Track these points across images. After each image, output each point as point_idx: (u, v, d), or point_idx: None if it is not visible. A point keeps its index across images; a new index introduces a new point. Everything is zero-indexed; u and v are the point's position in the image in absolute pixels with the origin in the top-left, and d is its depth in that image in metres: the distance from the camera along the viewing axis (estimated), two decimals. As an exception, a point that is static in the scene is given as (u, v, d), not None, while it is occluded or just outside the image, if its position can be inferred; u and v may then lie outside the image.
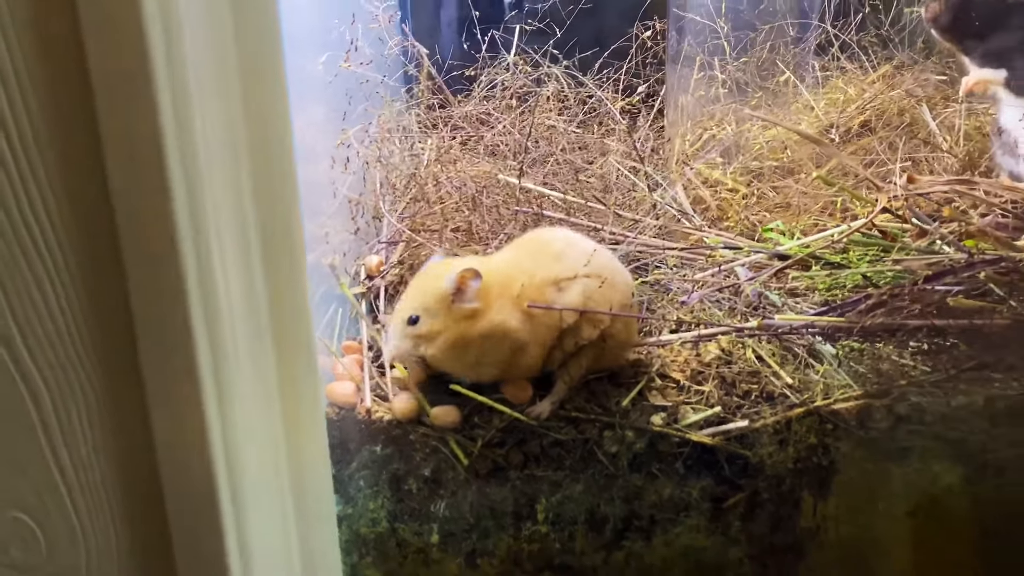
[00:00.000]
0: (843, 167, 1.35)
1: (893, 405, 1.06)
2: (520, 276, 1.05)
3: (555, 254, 1.07)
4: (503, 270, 1.06)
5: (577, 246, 1.09)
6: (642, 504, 1.07)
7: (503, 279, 1.05)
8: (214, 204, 0.66)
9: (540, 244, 1.10)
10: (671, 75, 1.62)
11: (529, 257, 1.08)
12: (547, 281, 1.05)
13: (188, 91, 0.62)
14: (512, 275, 1.05)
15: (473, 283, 1.01)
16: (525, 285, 1.03)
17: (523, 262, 1.07)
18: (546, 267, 1.06)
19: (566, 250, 1.07)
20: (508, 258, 1.11)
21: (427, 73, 1.44)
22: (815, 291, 1.16)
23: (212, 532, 0.72)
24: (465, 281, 1.01)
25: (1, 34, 0.57)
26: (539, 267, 1.05)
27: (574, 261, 1.06)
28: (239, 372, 0.71)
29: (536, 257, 1.07)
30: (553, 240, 1.10)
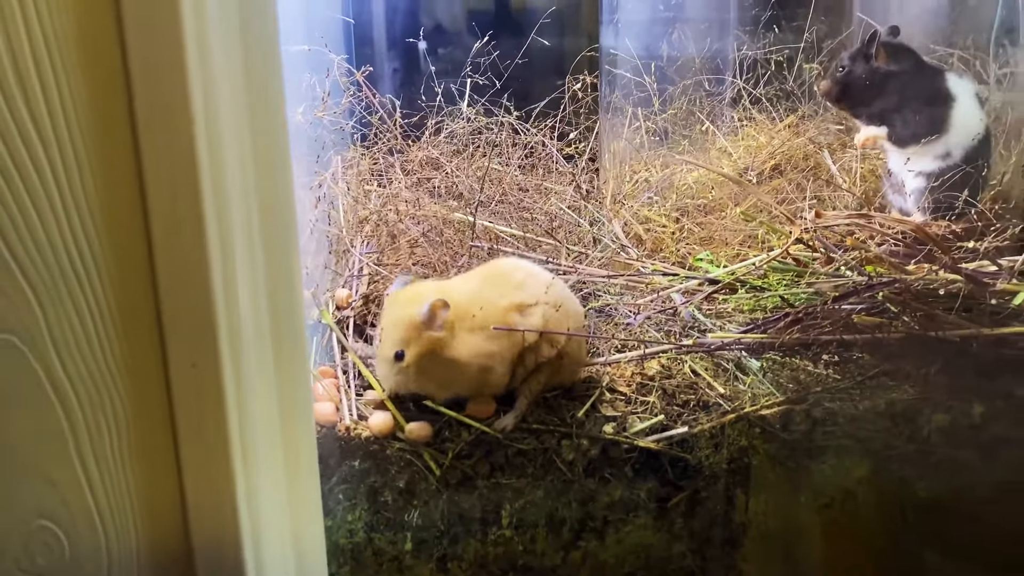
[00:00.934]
0: (759, 205, 1.53)
1: (810, 410, 1.20)
2: (482, 303, 1.16)
3: (517, 283, 1.19)
4: (466, 297, 1.18)
5: (536, 276, 1.22)
6: (596, 506, 1.18)
7: (466, 305, 1.16)
8: (235, 241, 0.75)
9: (502, 273, 1.22)
10: (604, 123, 1.78)
11: (492, 285, 1.20)
12: (511, 307, 1.16)
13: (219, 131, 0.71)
14: (475, 302, 1.16)
15: (443, 312, 1.12)
16: (485, 309, 1.15)
17: (486, 290, 1.19)
18: (509, 294, 1.18)
19: (527, 279, 1.20)
20: (471, 286, 1.22)
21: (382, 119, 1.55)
22: (741, 312, 1.32)
23: (231, 544, 0.78)
24: (436, 311, 1.12)
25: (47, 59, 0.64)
26: (503, 294, 1.17)
27: (534, 289, 1.18)
28: (253, 392, 0.79)
29: (499, 285, 1.19)
30: (515, 270, 1.23)
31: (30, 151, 0.65)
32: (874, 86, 1.58)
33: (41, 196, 0.66)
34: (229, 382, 0.76)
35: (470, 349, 1.13)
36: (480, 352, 1.13)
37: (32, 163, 0.65)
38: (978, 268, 1.37)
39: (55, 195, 0.67)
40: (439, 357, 1.13)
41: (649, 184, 1.64)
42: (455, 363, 1.13)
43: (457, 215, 1.42)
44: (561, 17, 1.99)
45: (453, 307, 1.12)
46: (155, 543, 0.78)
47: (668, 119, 1.76)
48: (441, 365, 1.13)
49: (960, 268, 1.29)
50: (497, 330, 1.15)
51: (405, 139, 1.69)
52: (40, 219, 0.66)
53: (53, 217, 0.67)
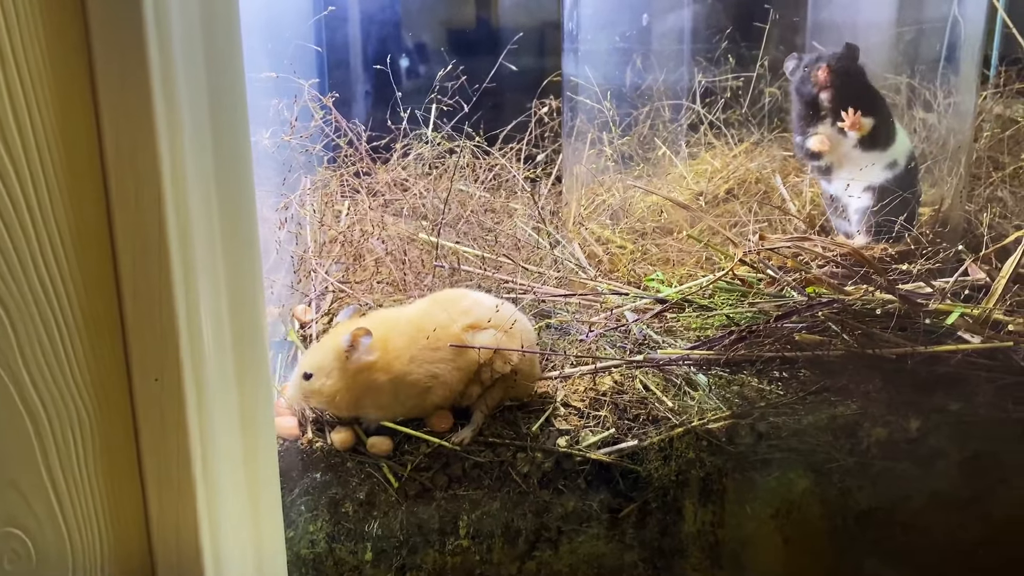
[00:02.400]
0: (712, 227, 1.60)
1: (755, 424, 1.26)
2: (431, 327, 1.21)
3: (464, 309, 1.25)
4: (414, 322, 1.23)
5: (483, 303, 1.27)
6: (550, 517, 1.22)
7: (413, 330, 1.21)
8: (197, 260, 0.79)
9: (451, 300, 1.28)
10: (567, 148, 1.84)
11: (442, 311, 1.25)
12: (463, 328, 1.22)
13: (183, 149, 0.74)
14: (423, 326, 1.22)
15: (364, 340, 1.17)
16: (436, 333, 1.20)
17: (436, 315, 1.24)
18: (459, 319, 1.23)
19: (473, 306, 1.26)
20: (420, 312, 1.27)
21: (351, 142, 1.60)
22: (690, 330, 1.38)
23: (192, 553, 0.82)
24: (357, 339, 1.17)
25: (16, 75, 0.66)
26: (453, 318, 1.23)
27: (482, 312, 1.24)
28: (214, 405, 0.81)
29: (449, 311, 1.25)
30: (462, 298, 1.28)
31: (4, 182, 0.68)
32: (860, 86, 1.65)
33: (11, 215, 0.69)
34: (190, 396, 0.80)
35: (403, 373, 1.18)
36: (413, 375, 1.19)
37: (1, 182, 0.68)
38: (913, 289, 1.44)
39: (24, 214, 0.69)
40: (370, 383, 1.18)
41: (608, 207, 1.70)
42: (390, 386, 1.18)
43: (422, 235, 1.48)
44: (528, 43, 2.06)
45: (400, 331, 1.18)
46: (119, 551, 0.81)
47: (630, 144, 1.83)
48: (373, 391, 1.18)
49: (896, 289, 1.36)
50: (453, 347, 1.20)
51: (374, 161, 1.74)
52: (10, 237, 0.69)
53: (23, 234, 0.70)
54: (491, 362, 1.22)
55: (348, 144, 1.60)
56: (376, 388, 1.18)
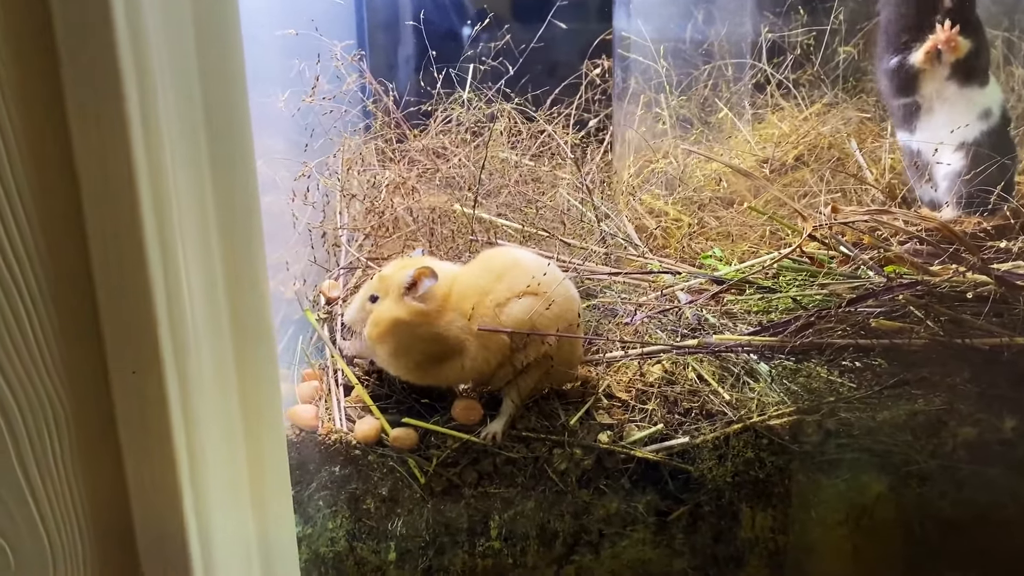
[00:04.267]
0: (779, 198, 1.44)
1: (823, 420, 1.13)
2: (474, 290, 1.10)
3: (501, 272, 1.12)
4: (461, 281, 1.12)
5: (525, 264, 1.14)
6: (590, 519, 1.12)
7: (459, 288, 1.10)
8: (182, 233, 0.71)
9: (492, 262, 1.16)
10: (618, 111, 1.70)
11: (483, 273, 1.13)
12: (498, 299, 1.10)
13: (159, 129, 0.66)
14: (467, 288, 1.11)
15: (427, 281, 1.07)
16: (479, 303, 1.09)
17: (481, 277, 1.13)
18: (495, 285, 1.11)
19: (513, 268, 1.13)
20: (469, 271, 1.15)
21: (385, 108, 1.49)
22: (750, 314, 1.23)
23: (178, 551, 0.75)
24: (421, 278, 1.07)
25: None
26: (490, 284, 1.11)
27: (524, 279, 1.11)
28: (205, 397, 0.75)
29: (488, 274, 1.13)
30: (504, 258, 1.16)
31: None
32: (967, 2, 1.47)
33: None
34: (172, 388, 0.73)
35: (443, 333, 1.08)
36: (450, 337, 1.08)
37: None
38: (1011, 270, 1.26)
39: None
40: (411, 330, 1.08)
41: (663, 175, 1.55)
42: (423, 342, 1.09)
43: (457, 207, 1.36)
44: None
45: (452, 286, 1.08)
46: (103, 553, 0.75)
47: (688, 106, 1.67)
48: (410, 338, 1.08)
49: (991, 269, 1.19)
50: (483, 330, 1.09)
51: (410, 128, 1.63)
52: None
53: None
54: (524, 344, 1.10)
55: (376, 105, 1.48)
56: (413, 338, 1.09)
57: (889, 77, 1.54)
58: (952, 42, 1.44)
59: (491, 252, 1.21)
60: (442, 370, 1.10)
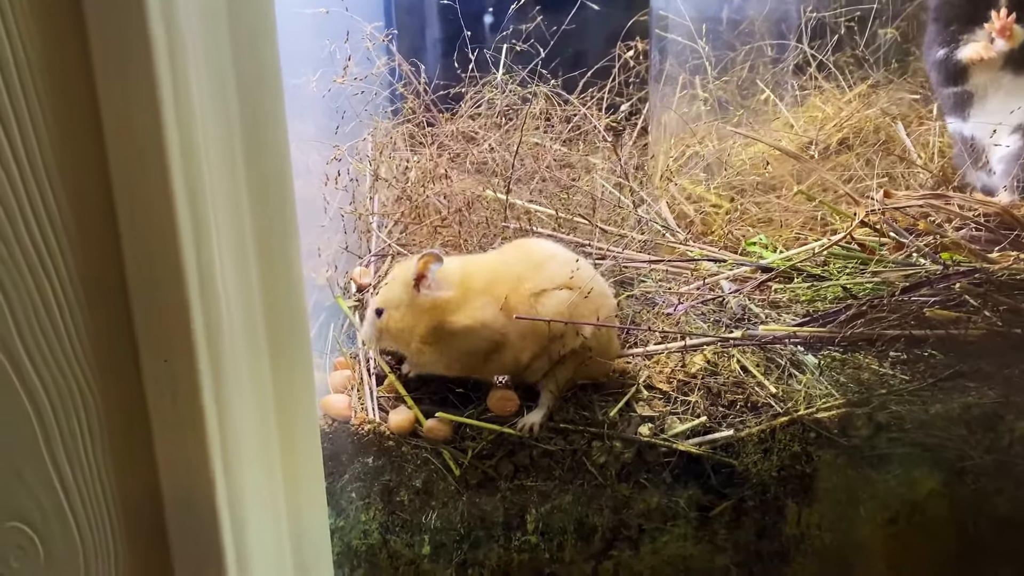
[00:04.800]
0: (823, 183, 1.39)
1: (873, 414, 1.08)
2: (506, 280, 1.06)
3: (539, 263, 1.09)
4: (489, 268, 1.08)
5: (562, 258, 1.11)
6: (630, 513, 1.09)
7: (489, 276, 1.07)
8: (215, 219, 0.68)
9: (526, 253, 1.12)
10: (654, 94, 1.65)
11: (517, 263, 1.10)
12: (534, 289, 1.06)
13: (192, 112, 0.63)
14: (499, 277, 1.07)
15: (433, 267, 1.02)
16: (504, 287, 1.05)
17: (512, 267, 1.09)
18: (532, 275, 1.07)
19: (551, 261, 1.09)
20: (497, 261, 1.12)
21: (416, 91, 1.46)
22: (797, 303, 1.19)
23: (211, 536, 0.72)
24: (426, 266, 1.03)
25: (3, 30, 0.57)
26: (524, 274, 1.07)
27: (559, 272, 1.08)
28: (238, 386, 0.72)
29: (520, 264, 1.09)
30: (539, 250, 1.12)
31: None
32: None
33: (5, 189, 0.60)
34: (205, 377, 0.70)
35: (477, 319, 1.04)
36: (486, 326, 1.04)
37: None
38: (1075, 257, 1.21)
39: (17, 180, 0.60)
40: (438, 325, 1.04)
41: (701, 159, 1.50)
42: (457, 334, 1.04)
43: (489, 192, 1.32)
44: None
45: (469, 275, 1.04)
46: (133, 543, 0.72)
47: (725, 89, 1.62)
48: (439, 334, 1.05)
49: (1054, 256, 1.14)
50: (519, 319, 1.05)
51: (440, 112, 1.59)
52: (3, 208, 0.60)
53: (15, 201, 0.61)
54: (561, 335, 1.06)
55: (406, 88, 1.44)
56: (441, 331, 1.05)
57: (938, 69, 1.48)
58: (1008, 31, 1.37)
59: (526, 242, 1.18)
60: (479, 360, 1.07)
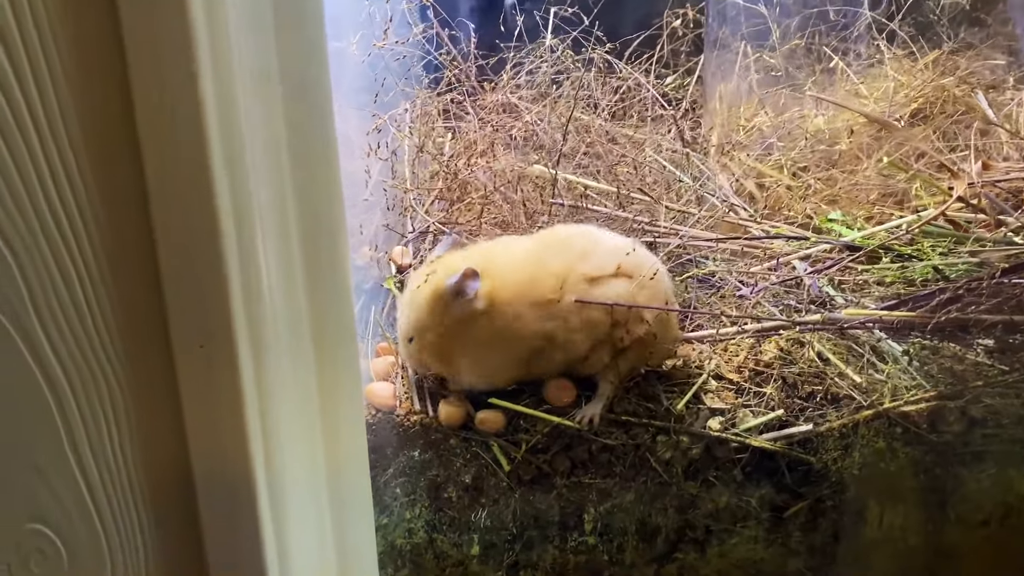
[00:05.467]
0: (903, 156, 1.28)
1: (967, 407, 1.00)
2: (542, 272, 0.98)
3: (584, 252, 1.00)
4: (522, 264, 1.00)
5: (607, 244, 1.02)
6: (696, 514, 1.01)
7: (521, 275, 0.98)
8: (257, 189, 0.60)
9: (565, 241, 1.03)
10: (709, 62, 1.55)
11: (555, 254, 1.01)
12: (581, 278, 0.98)
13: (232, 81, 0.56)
14: (533, 270, 0.99)
15: (472, 285, 0.94)
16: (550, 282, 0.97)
17: (549, 259, 1.00)
18: (578, 265, 0.99)
19: (595, 249, 1.01)
20: (529, 252, 1.03)
21: (458, 56, 1.37)
22: (879, 286, 1.09)
23: (250, 540, 0.66)
24: (464, 283, 0.94)
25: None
26: (570, 264, 0.99)
27: (607, 258, 0.99)
28: (280, 374, 0.65)
29: (564, 254, 1.00)
30: (577, 237, 1.04)
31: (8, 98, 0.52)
32: None
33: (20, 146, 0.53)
34: (246, 365, 0.63)
35: (516, 328, 0.96)
36: (529, 333, 0.96)
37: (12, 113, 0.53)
38: None
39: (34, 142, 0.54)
40: (476, 337, 0.96)
41: (764, 132, 1.40)
42: (493, 344, 0.97)
43: (537, 167, 1.23)
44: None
45: (506, 273, 0.96)
46: (165, 547, 0.67)
47: (790, 56, 1.51)
48: (478, 345, 0.97)
49: None
50: (580, 302, 0.96)
51: (481, 81, 1.50)
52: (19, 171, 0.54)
53: (32, 166, 0.54)
54: (625, 322, 0.98)
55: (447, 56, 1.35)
56: (474, 343, 0.97)
57: None
58: None
59: (558, 229, 1.09)
60: (534, 363, 0.99)
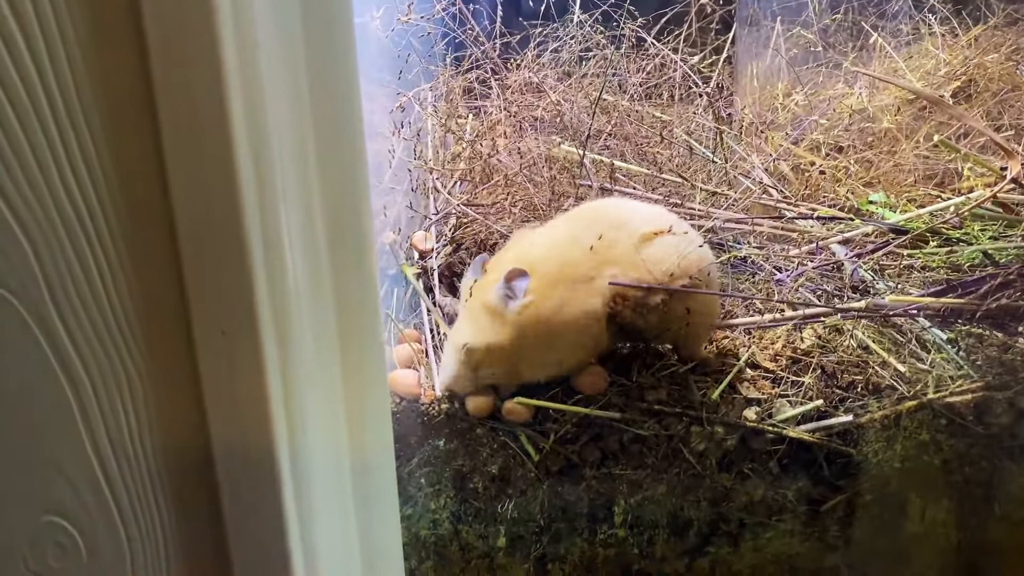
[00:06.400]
0: (943, 135, 1.23)
1: (1016, 399, 0.95)
2: (579, 254, 0.95)
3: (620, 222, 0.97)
4: (558, 251, 0.96)
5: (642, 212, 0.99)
6: (730, 507, 0.97)
7: (561, 260, 0.95)
8: (281, 172, 0.57)
9: (598, 215, 1.00)
10: (741, 40, 1.50)
11: (587, 229, 0.97)
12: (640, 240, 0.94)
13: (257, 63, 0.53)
14: (571, 254, 0.95)
15: (521, 283, 0.92)
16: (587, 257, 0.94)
17: (583, 237, 0.96)
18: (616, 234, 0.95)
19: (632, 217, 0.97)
20: (560, 235, 1.00)
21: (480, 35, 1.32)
22: (924, 271, 1.04)
23: (274, 531, 0.63)
24: (512, 283, 0.92)
25: None
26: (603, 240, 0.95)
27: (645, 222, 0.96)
28: (305, 362, 0.62)
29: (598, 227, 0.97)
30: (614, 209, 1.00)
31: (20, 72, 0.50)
32: None
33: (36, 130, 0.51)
34: (270, 352, 0.61)
35: (565, 315, 0.93)
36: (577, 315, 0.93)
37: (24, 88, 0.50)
38: None
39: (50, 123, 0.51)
40: (534, 332, 0.93)
41: (798, 111, 1.35)
42: (547, 336, 0.93)
43: (564, 147, 1.19)
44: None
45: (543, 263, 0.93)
46: (186, 542, 0.64)
47: (820, 34, 1.46)
48: (538, 340, 0.93)
49: None
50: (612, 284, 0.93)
51: (505, 60, 1.46)
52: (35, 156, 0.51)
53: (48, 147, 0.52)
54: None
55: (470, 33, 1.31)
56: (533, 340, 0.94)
57: None
58: None
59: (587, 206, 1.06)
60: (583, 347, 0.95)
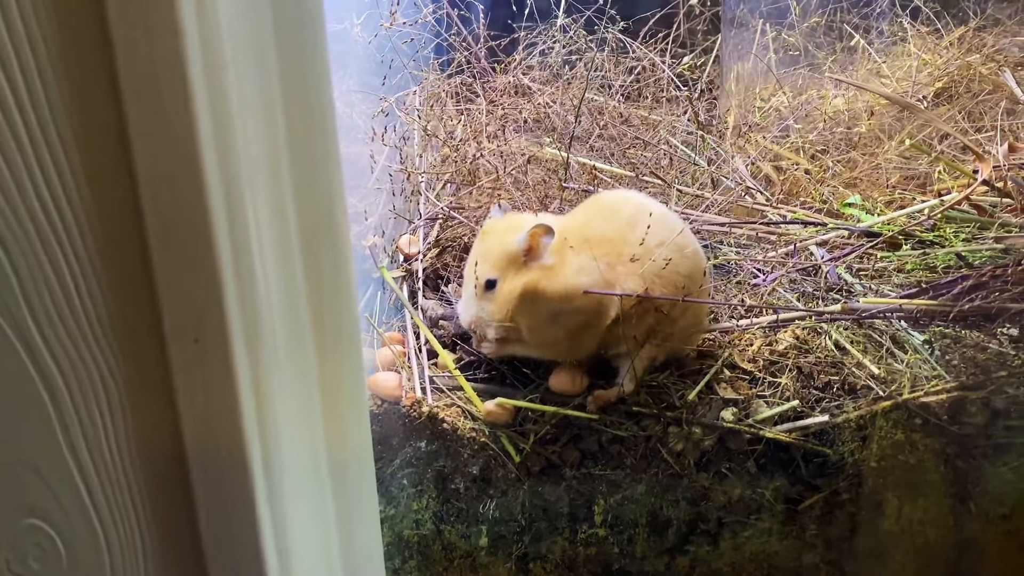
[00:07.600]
0: (925, 136, 1.24)
1: (990, 398, 0.96)
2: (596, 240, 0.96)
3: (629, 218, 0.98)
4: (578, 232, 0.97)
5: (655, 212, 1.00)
6: (709, 506, 0.99)
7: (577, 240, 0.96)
8: (251, 180, 0.58)
9: (612, 207, 1.01)
10: (726, 42, 1.51)
11: (604, 220, 0.99)
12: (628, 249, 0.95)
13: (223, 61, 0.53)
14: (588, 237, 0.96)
15: (545, 240, 0.93)
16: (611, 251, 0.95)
17: (599, 225, 0.98)
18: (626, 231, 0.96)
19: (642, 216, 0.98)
20: (581, 221, 1.01)
21: (468, 38, 1.33)
22: (897, 273, 1.05)
23: (248, 534, 0.64)
24: (536, 238, 0.93)
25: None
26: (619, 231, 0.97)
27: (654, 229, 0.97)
28: (278, 368, 0.63)
29: (612, 220, 0.98)
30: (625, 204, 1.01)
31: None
32: None
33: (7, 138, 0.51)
34: (241, 359, 0.61)
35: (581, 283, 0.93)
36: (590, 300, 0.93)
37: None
38: None
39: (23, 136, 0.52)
40: (542, 296, 0.93)
41: (781, 113, 1.36)
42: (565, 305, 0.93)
43: (549, 150, 1.21)
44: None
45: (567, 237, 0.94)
46: (163, 544, 0.65)
47: (805, 35, 1.47)
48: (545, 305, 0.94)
49: None
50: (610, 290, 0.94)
51: (493, 64, 1.47)
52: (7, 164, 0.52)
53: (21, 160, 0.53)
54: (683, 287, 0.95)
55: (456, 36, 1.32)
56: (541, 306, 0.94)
57: None
58: None
59: (603, 196, 1.06)
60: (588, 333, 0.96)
